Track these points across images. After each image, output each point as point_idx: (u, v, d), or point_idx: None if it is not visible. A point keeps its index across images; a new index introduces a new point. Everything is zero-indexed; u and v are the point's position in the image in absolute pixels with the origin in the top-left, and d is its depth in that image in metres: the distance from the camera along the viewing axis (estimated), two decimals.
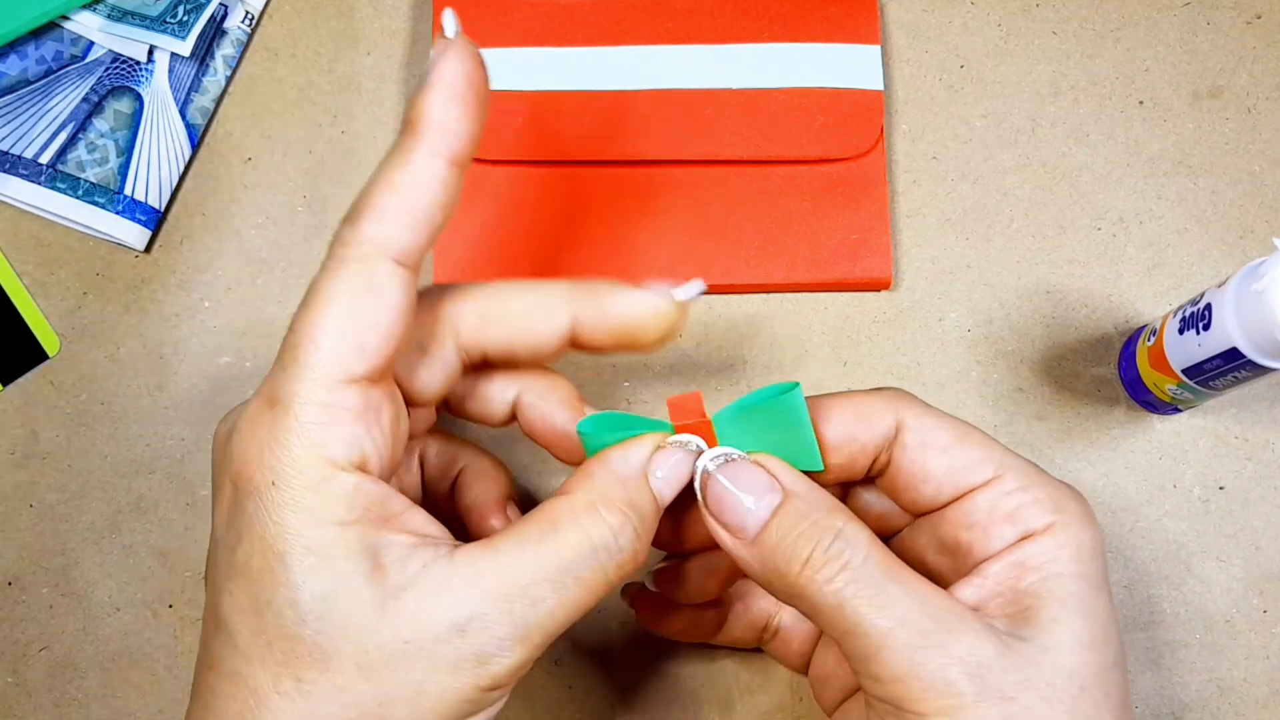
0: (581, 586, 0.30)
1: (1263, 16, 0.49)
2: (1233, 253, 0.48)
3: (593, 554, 0.30)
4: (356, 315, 0.29)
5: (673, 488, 0.32)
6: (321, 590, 0.28)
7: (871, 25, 0.48)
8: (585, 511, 0.31)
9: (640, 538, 0.31)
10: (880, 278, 0.47)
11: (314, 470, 0.28)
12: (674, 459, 0.32)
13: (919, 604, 0.30)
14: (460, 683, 0.29)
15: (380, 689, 0.28)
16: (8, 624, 0.44)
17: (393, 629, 0.28)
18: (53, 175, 0.46)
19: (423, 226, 0.30)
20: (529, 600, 0.29)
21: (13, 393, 0.46)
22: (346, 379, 0.29)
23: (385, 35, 0.49)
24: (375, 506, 0.29)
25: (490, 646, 0.29)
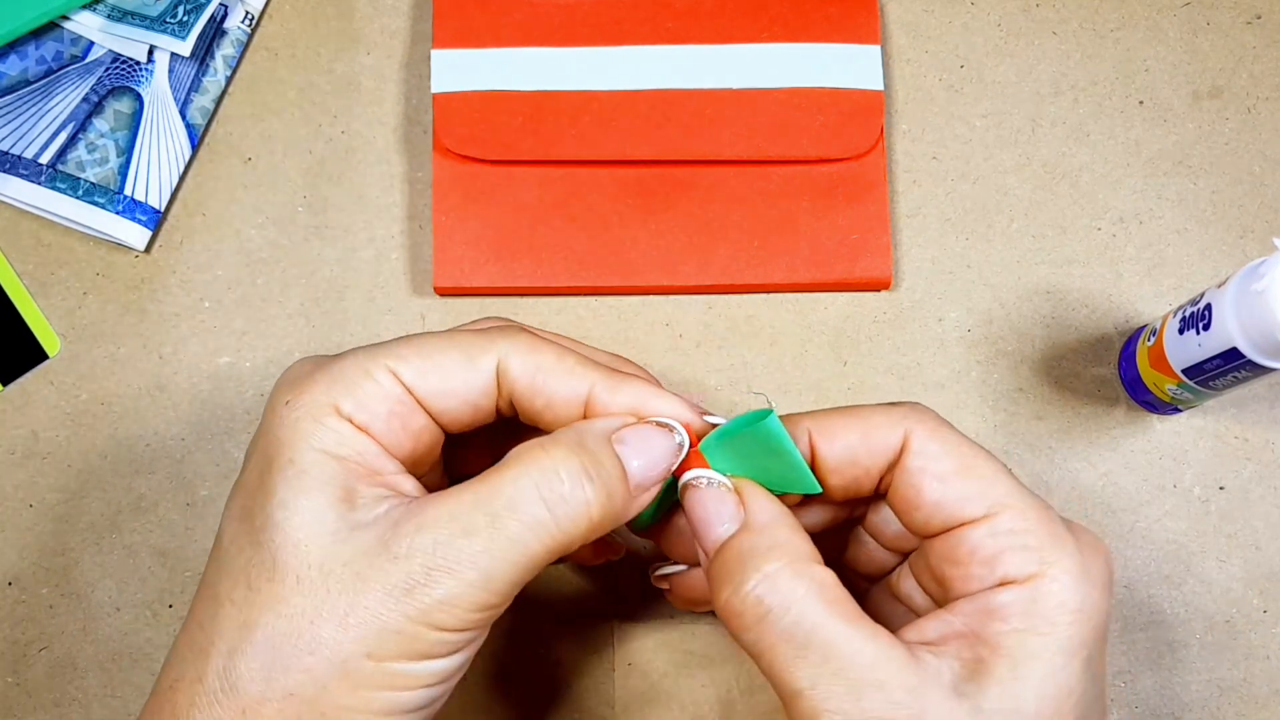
0: (522, 525, 0.29)
1: (1263, 16, 0.49)
2: (1233, 253, 0.48)
3: (534, 487, 0.30)
4: (447, 367, 0.32)
5: (647, 467, 0.32)
6: (288, 499, 0.29)
7: (871, 25, 0.48)
8: (530, 450, 0.31)
9: (597, 490, 0.30)
10: (880, 278, 0.47)
11: (322, 405, 0.30)
12: (646, 434, 0.32)
13: (840, 663, 0.29)
14: (386, 609, 0.29)
15: (312, 605, 0.29)
16: (8, 624, 0.44)
17: (336, 552, 0.29)
18: (53, 175, 0.46)
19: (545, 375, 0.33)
20: (462, 530, 0.29)
21: (13, 393, 0.46)
22: (395, 375, 0.31)
23: (385, 35, 0.49)
24: (366, 458, 0.31)
25: (417, 575, 0.29)
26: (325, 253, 0.47)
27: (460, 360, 0.32)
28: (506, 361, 0.32)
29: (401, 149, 0.48)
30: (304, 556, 0.29)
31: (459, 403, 0.32)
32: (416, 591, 0.29)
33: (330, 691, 0.28)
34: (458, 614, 0.29)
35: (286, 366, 0.32)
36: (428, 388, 0.32)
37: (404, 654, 0.29)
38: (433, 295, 0.47)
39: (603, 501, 0.31)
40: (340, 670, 0.28)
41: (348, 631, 0.29)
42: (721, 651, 0.44)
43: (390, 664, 0.29)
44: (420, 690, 0.30)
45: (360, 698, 0.29)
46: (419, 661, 0.29)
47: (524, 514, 0.30)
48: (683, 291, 0.47)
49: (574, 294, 0.47)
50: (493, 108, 0.47)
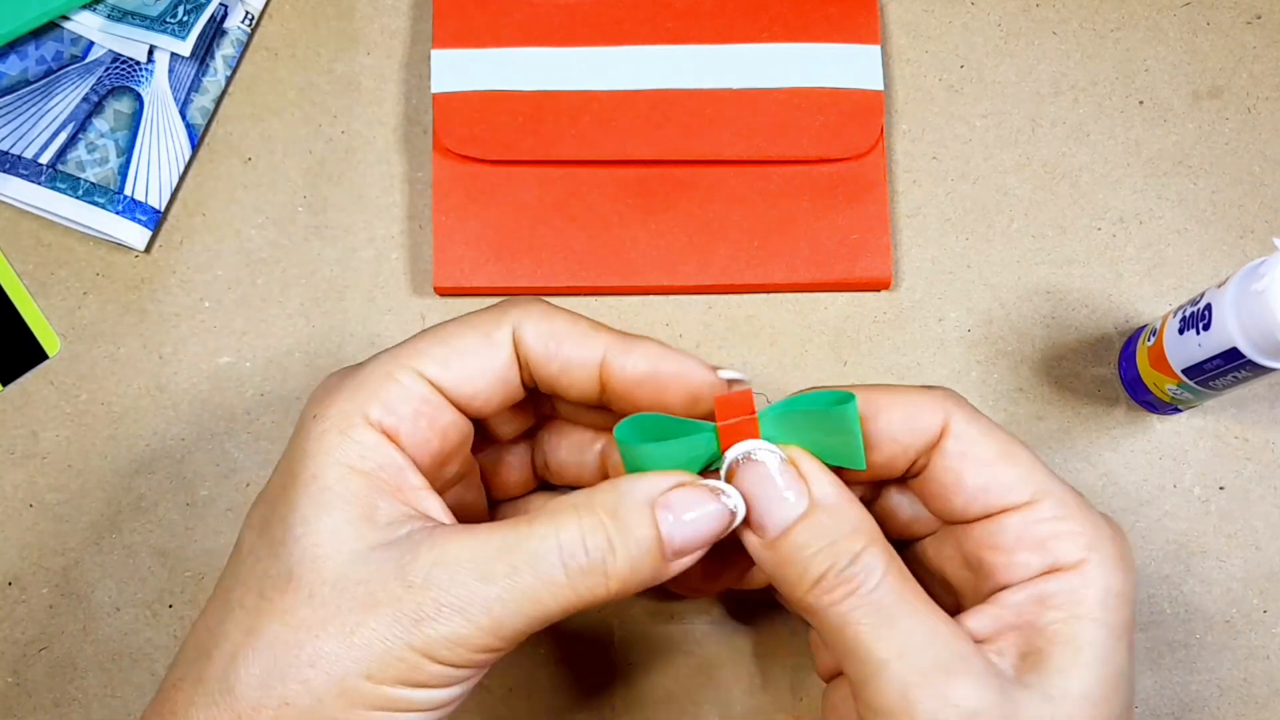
0: (538, 580, 0.29)
1: (1263, 16, 0.49)
2: (1233, 253, 0.48)
3: (556, 549, 0.29)
4: (467, 349, 0.32)
5: (690, 536, 0.30)
6: (310, 515, 0.29)
7: (871, 25, 0.48)
8: (564, 510, 0.30)
9: (619, 558, 0.30)
10: (880, 278, 0.47)
11: (349, 417, 0.30)
12: (698, 504, 0.31)
13: (924, 638, 0.29)
14: (392, 635, 0.29)
15: (319, 618, 0.29)
16: (8, 624, 0.44)
17: (351, 570, 0.29)
18: (53, 175, 0.46)
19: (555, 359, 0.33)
20: (480, 574, 0.29)
21: (13, 393, 0.46)
22: (419, 373, 0.31)
23: (385, 35, 0.49)
24: (390, 472, 0.31)
25: (428, 607, 0.29)
26: (325, 253, 0.47)
27: (478, 339, 0.32)
28: (521, 331, 0.32)
29: (401, 149, 0.48)
30: (319, 572, 0.29)
31: (485, 383, 0.32)
32: (425, 624, 0.29)
33: (325, 705, 0.29)
34: (461, 653, 0.29)
35: (286, 366, 0.32)
36: (451, 377, 0.32)
37: (402, 680, 0.29)
38: (433, 295, 0.47)
39: (624, 575, 0.30)
40: (338, 686, 0.29)
41: (350, 650, 0.29)
42: (722, 651, 0.44)
43: (387, 688, 0.29)
44: (414, 714, 0.30)
45: (354, 715, 0.29)
46: (416, 690, 0.29)
47: (542, 573, 0.29)
48: (683, 291, 0.47)
49: (574, 294, 0.47)
50: (493, 108, 0.47)
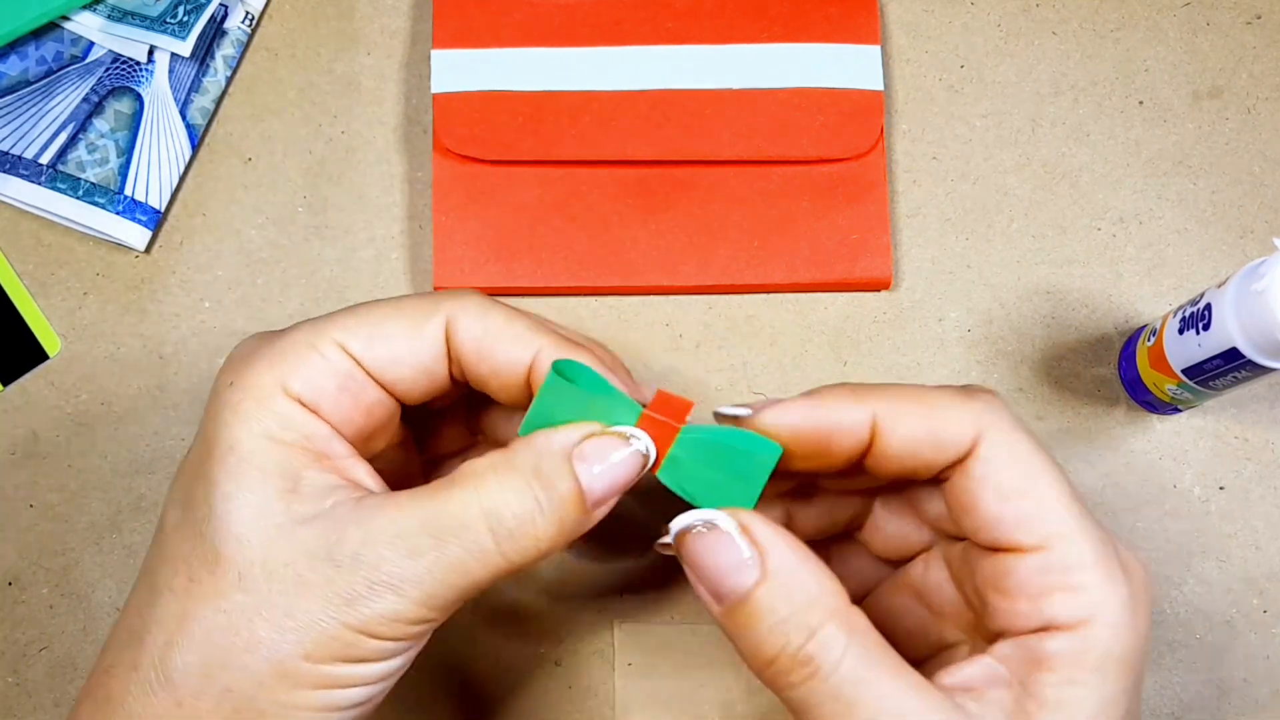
0: (465, 551, 0.29)
1: (1263, 16, 0.49)
2: (1233, 253, 0.48)
3: (481, 517, 0.29)
4: (395, 334, 0.31)
5: (607, 485, 0.30)
6: (231, 491, 0.29)
7: (871, 25, 0.48)
8: (484, 473, 0.29)
9: (548, 522, 0.29)
10: (880, 278, 0.47)
11: (266, 387, 0.29)
12: (611, 451, 0.30)
13: (891, 714, 0.28)
14: (326, 616, 0.28)
15: (252, 603, 0.28)
16: (8, 624, 0.44)
17: (278, 549, 0.29)
18: (53, 175, 0.46)
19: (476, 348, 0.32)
20: (408, 550, 0.29)
21: (13, 393, 0.46)
22: (343, 348, 0.30)
23: (385, 35, 0.49)
24: (314, 442, 0.30)
25: (360, 586, 0.28)
26: (325, 253, 0.47)
27: (407, 326, 0.31)
28: (454, 324, 0.31)
29: (401, 149, 0.48)
30: (245, 552, 0.29)
31: (410, 371, 0.31)
32: (358, 603, 0.29)
33: (268, 689, 0.29)
34: (398, 627, 0.29)
35: None
36: (375, 358, 0.31)
37: (340, 657, 0.29)
38: None
39: (553, 534, 0.30)
40: (278, 670, 0.28)
41: (286, 634, 0.28)
42: (722, 652, 0.44)
43: (326, 666, 0.29)
44: (358, 689, 0.30)
45: (297, 696, 0.29)
46: (356, 665, 0.29)
47: (469, 542, 0.29)
48: (683, 291, 0.47)
49: (574, 294, 0.47)
50: (493, 108, 0.47)
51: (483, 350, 0.31)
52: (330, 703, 0.29)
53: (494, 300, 0.32)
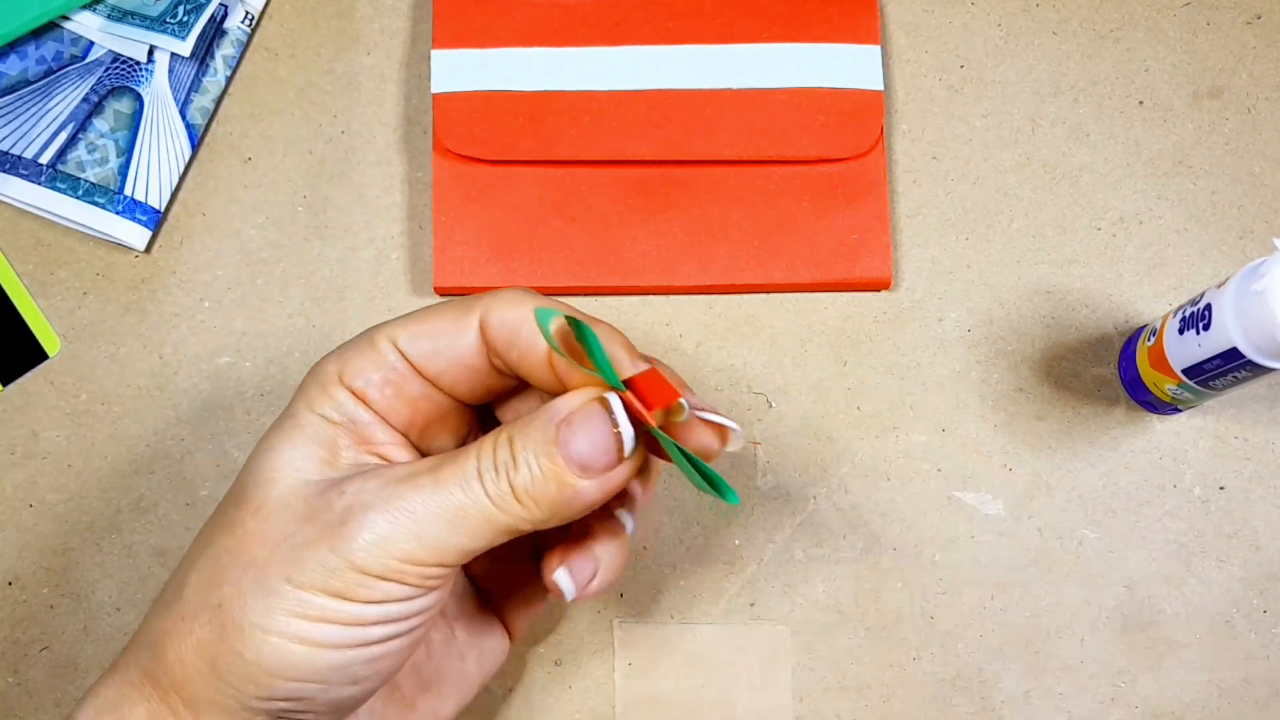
0: (462, 492, 0.30)
1: (1263, 16, 0.49)
2: (1233, 253, 0.48)
3: (474, 459, 0.31)
4: (438, 327, 0.33)
5: (584, 446, 0.30)
6: (277, 445, 0.32)
7: (871, 25, 0.48)
8: (489, 435, 0.31)
9: (520, 466, 0.30)
10: (880, 278, 0.47)
11: (329, 375, 0.33)
12: (591, 415, 0.31)
13: None
14: (316, 537, 0.30)
15: (260, 529, 0.30)
16: (8, 624, 0.44)
17: (297, 493, 0.31)
18: (53, 175, 0.46)
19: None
20: (407, 479, 0.30)
21: (13, 393, 0.46)
22: (393, 343, 0.33)
23: (385, 35, 0.49)
24: (359, 426, 0.32)
25: (355, 510, 0.30)
26: (325, 253, 0.47)
27: (450, 320, 0.33)
28: (488, 316, 0.33)
29: (401, 149, 0.48)
30: (269, 489, 0.31)
31: (449, 362, 0.33)
32: (349, 524, 0.30)
33: (249, 607, 0.30)
34: (382, 559, 0.29)
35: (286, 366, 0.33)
36: (419, 350, 0.33)
37: (321, 586, 0.29)
38: (433, 295, 0.47)
39: (528, 486, 0.30)
40: (262, 588, 0.30)
41: (276, 554, 0.30)
42: (722, 652, 0.44)
43: (305, 593, 0.29)
44: (331, 628, 0.30)
45: (273, 619, 0.29)
46: (334, 599, 0.30)
47: (465, 481, 0.30)
48: (683, 291, 0.47)
49: (574, 294, 0.47)
50: (493, 108, 0.47)
51: (510, 335, 0.32)
52: (301, 634, 0.29)
53: (529, 291, 0.34)
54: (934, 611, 0.45)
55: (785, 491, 0.46)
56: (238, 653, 0.29)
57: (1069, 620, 0.45)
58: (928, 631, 0.45)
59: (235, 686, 0.30)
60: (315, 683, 0.30)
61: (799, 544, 0.45)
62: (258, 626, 0.29)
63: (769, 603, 0.45)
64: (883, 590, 0.45)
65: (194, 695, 0.30)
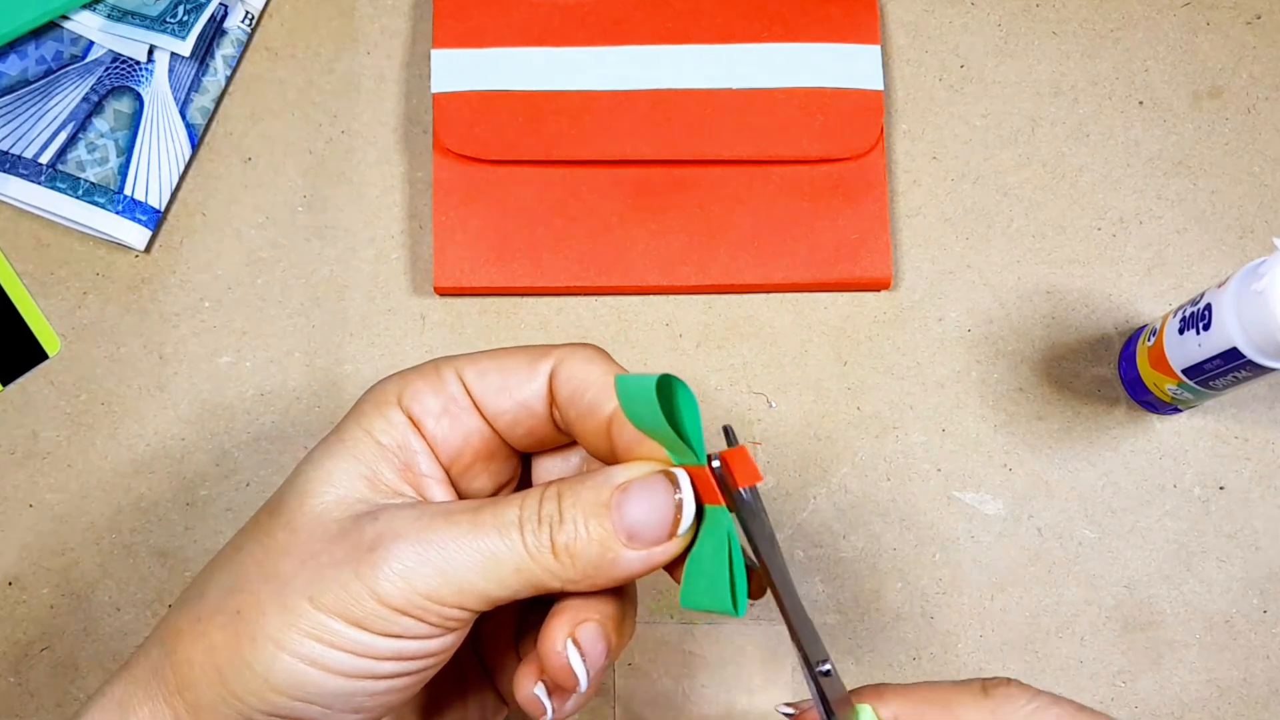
0: (499, 538, 0.30)
1: (1263, 16, 0.49)
2: (1233, 253, 0.48)
3: (517, 507, 0.30)
4: (509, 367, 0.33)
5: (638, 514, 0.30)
6: (319, 459, 0.31)
7: (871, 25, 0.48)
8: (536, 488, 0.31)
9: (566, 522, 0.30)
10: (880, 278, 0.47)
11: (386, 395, 0.32)
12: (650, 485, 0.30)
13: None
14: (342, 561, 0.29)
15: (289, 542, 0.30)
16: (9, 624, 0.44)
17: (335, 510, 0.31)
18: (53, 175, 0.46)
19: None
20: (443, 514, 0.30)
21: (13, 393, 0.46)
22: (459, 375, 0.33)
23: (385, 35, 0.49)
24: (406, 453, 0.32)
25: (386, 538, 0.29)
26: (325, 253, 0.47)
27: (522, 363, 0.33)
28: (560, 366, 0.33)
29: (401, 149, 0.48)
30: (305, 503, 0.31)
31: (511, 404, 0.33)
32: (377, 551, 0.29)
33: (267, 621, 0.29)
34: (406, 592, 0.29)
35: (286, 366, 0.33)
36: (484, 387, 0.33)
37: (340, 611, 0.29)
38: (433, 295, 0.47)
39: (569, 544, 0.30)
40: (282, 603, 0.29)
41: (301, 571, 0.30)
42: (722, 652, 0.44)
43: (324, 616, 0.29)
44: (343, 655, 0.29)
45: (288, 636, 0.29)
46: (352, 627, 0.29)
47: (504, 527, 0.30)
48: (683, 291, 0.47)
49: (574, 294, 0.47)
50: (493, 108, 0.47)
51: (576, 391, 0.32)
52: (314, 656, 0.29)
53: (605, 353, 0.34)
54: (934, 611, 0.45)
55: (785, 491, 0.46)
56: (247, 663, 0.29)
57: (1069, 620, 0.45)
58: (928, 631, 0.45)
59: (239, 696, 0.30)
60: (318, 705, 0.30)
61: (799, 544, 0.45)
62: (271, 640, 0.29)
63: (769, 602, 0.45)
64: (883, 590, 0.45)
65: (197, 699, 0.30)
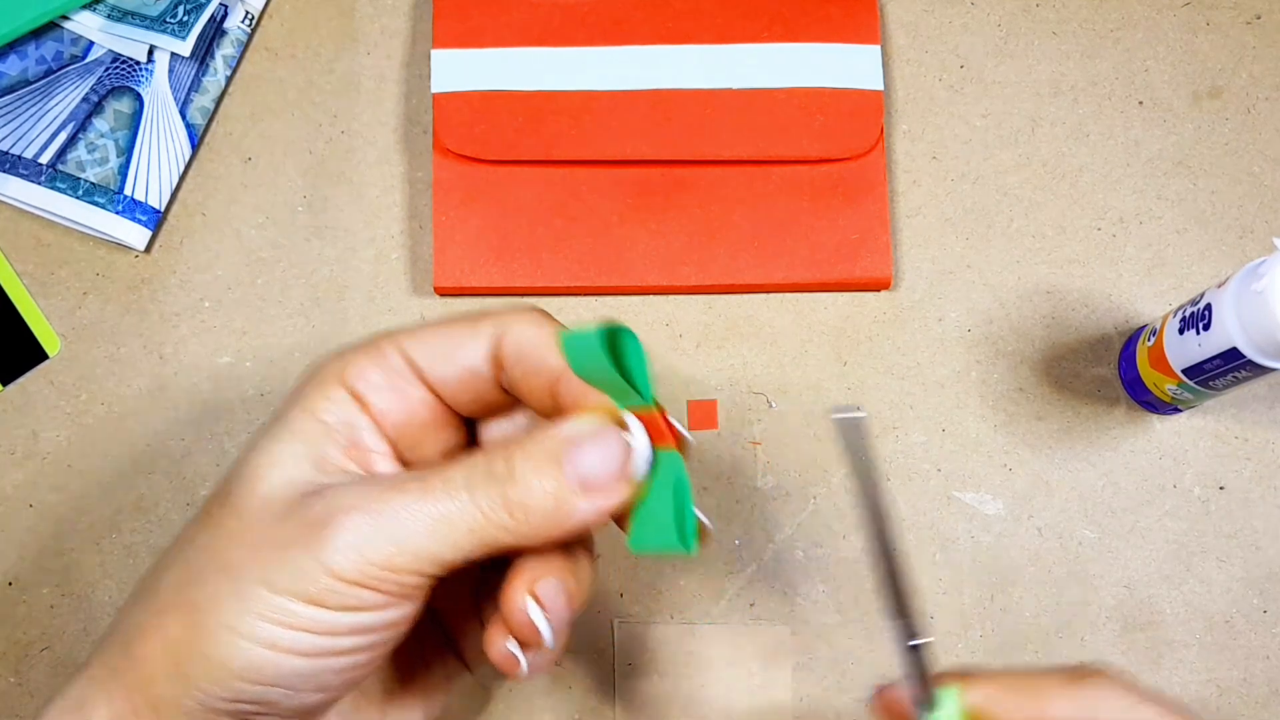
0: (446, 492, 0.29)
1: (1263, 16, 0.49)
2: (1233, 253, 0.48)
3: (466, 468, 0.30)
4: (451, 334, 0.33)
5: (589, 462, 0.30)
6: (263, 445, 0.31)
7: (871, 25, 0.48)
8: (481, 453, 0.30)
9: (517, 475, 0.30)
10: (880, 278, 0.47)
11: (328, 374, 0.32)
12: (598, 432, 0.30)
13: None
14: (293, 541, 0.29)
15: (239, 529, 0.30)
16: (9, 624, 0.44)
17: (278, 493, 0.30)
18: (53, 175, 0.46)
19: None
20: (392, 485, 0.30)
21: (13, 393, 0.46)
22: (401, 348, 0.33)
23: (385, 35, 0.49)
24: (352, 430, 0.32)
25: (336, 512, 0.29)
26: (325, 253, 0.47)
27: (464, 330, 0.33)
28: (504, 330, 0.32)
29: (401, 149, 0.48)
30: (253, 489, 0.31)
31: (458, 370, 0.32)
32: (328, 527, 0.29)
33: (223, 608, 0.29)
34: (359, 563, 0.29)
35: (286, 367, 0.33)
36: (427, 357, 0.33)
37: (296, 591, 0.29)
38: (433, 295, 0.47)
39: (521, 498, 0.30)
40: (235, 589, 0.29)
41: (253, 556, 0.29)
42: (722, 652, 0.44)
43: (281, 598, 0.29)
44: (302, 635, 0.29)
45: (245, 622, 0.29)
46: (309, 605, 0.29)
47: (453, 489, 0.29)
48: (683, 291, 0.47)
49: (574, 294, 0.47)
50: (493, 108, 0.47)
51: (520, 351, 0.32)
52: (273, 639, 0.29)
53: (547, 314, 0.33)
54: (934, 611, 0.45)
55: (785, 491, 0.46)
56: (206, 654, 0.29)
57: (1069, 620, 0.45)
58: (928, 632, 0.45)
59: (200, 688, 0.29)
60: (281, 688, 0.30)
61: (799, 544, 0.45)
62: (228, 628, 0.29)
63: (769, 603, 0.45)
64: None
65: (158, 695, 0.30)
